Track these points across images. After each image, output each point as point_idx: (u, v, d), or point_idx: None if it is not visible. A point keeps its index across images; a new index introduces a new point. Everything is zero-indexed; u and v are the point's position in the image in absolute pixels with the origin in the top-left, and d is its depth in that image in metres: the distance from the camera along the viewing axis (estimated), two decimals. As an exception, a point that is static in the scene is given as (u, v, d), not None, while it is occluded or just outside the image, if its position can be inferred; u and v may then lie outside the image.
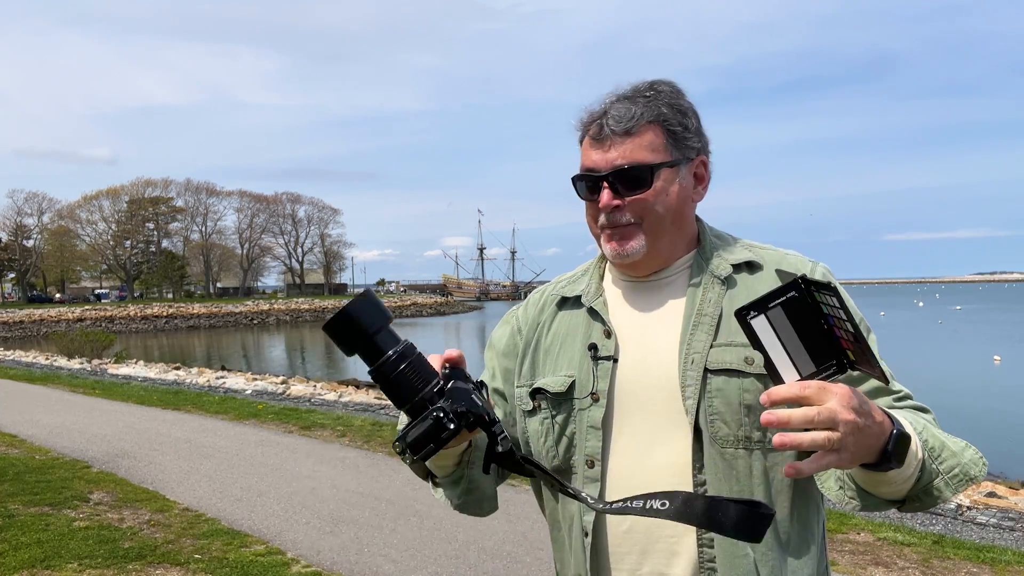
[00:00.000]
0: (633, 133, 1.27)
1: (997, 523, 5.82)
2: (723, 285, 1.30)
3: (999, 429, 14.04)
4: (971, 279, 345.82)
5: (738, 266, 1.32)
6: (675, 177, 1.29)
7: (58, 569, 4.61)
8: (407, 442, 1.07)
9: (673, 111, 1.29)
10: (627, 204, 1.28)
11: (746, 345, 1.22)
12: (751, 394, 1.21)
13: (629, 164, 1.26)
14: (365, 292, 1.11)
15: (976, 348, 29.53)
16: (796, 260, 1.33)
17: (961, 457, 1.14)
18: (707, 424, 1.22)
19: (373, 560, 4.90)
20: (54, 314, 63.41)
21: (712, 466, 1.22)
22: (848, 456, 0.96)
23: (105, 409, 11.75)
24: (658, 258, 1.33)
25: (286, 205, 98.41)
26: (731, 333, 1.25)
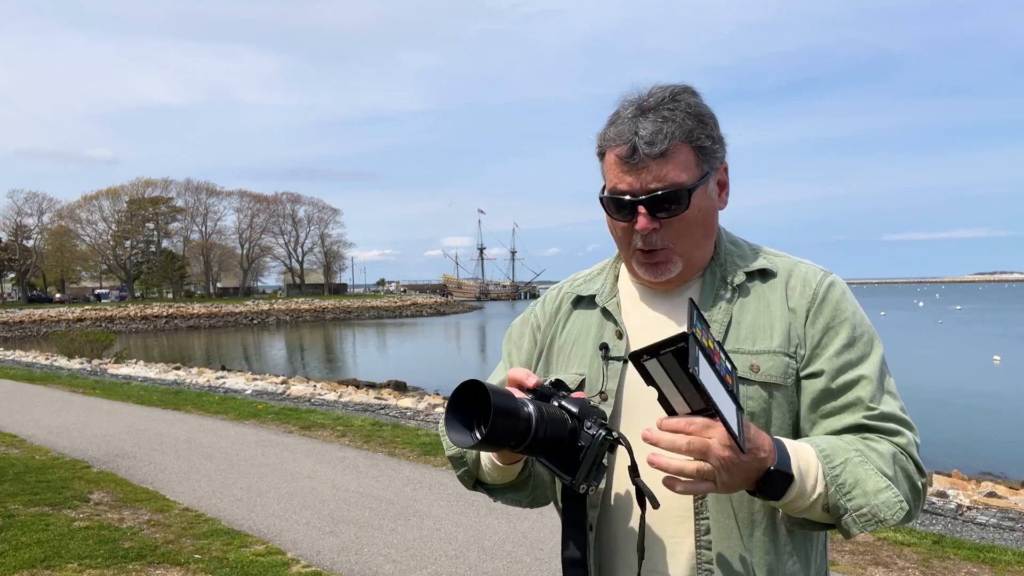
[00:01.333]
0: (666, 155, 1.23)
1: (997, 523, 5.82)
2: (736, 293, 1.32)
3: (999, 429, 14.04)
4: (971, 279, 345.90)
5: (752, 274, 1.33)
6: (705, 192, 1.29)
7: (58, 569, 4.61)
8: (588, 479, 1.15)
9: (698, 123, 1.26)
10: (663, 227, 1.26)
11: (753, 352, 1.27)
12: (754, 401, 1.24)
13: (665, 189, 1.23)
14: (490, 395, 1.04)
15: (976, 348, 29.53)
16: (807, 270, 1.33)
17: (874, 498, 1.14)
18: None
19: (373, 560, 4.90)
20: (54, 314, 63.38)
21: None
22: (722, 486, 1.07)
23: (105, 409, 11.75)
24: (689, 271, 1.33)
25: (286, 205, 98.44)
26: (739, 340, 1.27)
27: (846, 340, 1.27)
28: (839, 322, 1.28)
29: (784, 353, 1.27)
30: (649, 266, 1.30)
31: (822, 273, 1.33)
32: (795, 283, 1.31)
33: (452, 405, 1.08)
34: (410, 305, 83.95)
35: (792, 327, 1.28)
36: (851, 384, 1.24)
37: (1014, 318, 50.83)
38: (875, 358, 1.27)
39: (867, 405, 1.23)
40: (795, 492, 1.12)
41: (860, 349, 1.27)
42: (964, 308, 66.66)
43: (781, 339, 1.27)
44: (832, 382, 1.25)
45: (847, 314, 1.28)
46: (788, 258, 1.37)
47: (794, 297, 1.30)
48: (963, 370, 22.81)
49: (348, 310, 77.33)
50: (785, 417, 1.26)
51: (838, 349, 1.26)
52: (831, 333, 1.27)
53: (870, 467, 1.17)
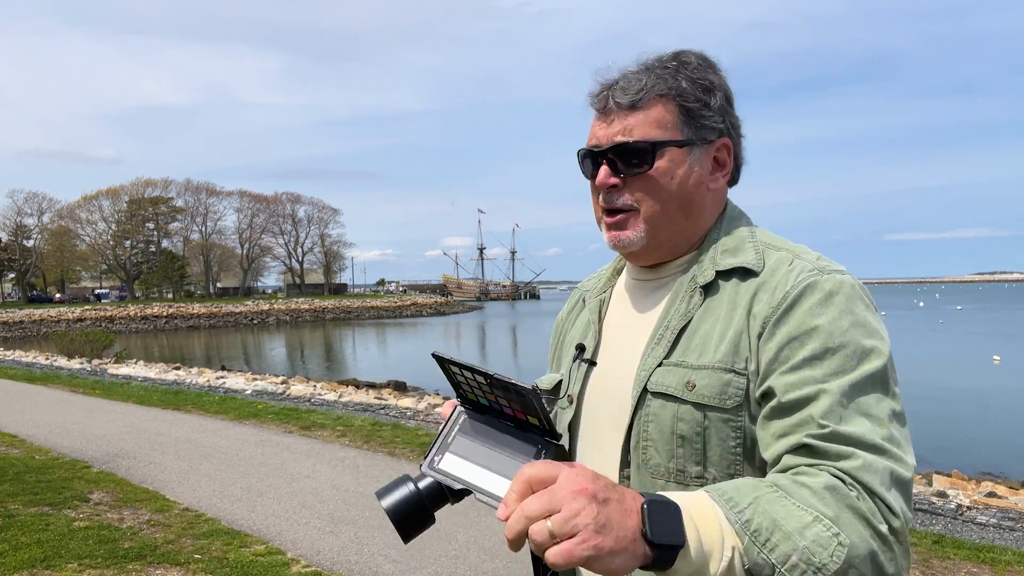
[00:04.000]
0: (639, 107, 1.15)
1: (997, 523, 5.82)
2: (702, 294, 1.14)
3: (999, 429, 14.03)
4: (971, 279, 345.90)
5: (727, 272, 1.14)
6: (684, 159, 1.15)
7: (58, 569, 4.61)
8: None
9: (694, 85, 1.15)
10: (625, 184, 1.16)
11: (694, 367, 1.09)
12: (686, 423, 1.07)
13: (630, 140, 1.14)
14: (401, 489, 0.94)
15: (976, 348, 29.53)
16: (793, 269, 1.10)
17: (800, 539, 0.85)
18: (638, 451, 1.12)
19: (373, 560, 4.90)
20: (54, 314, 63.37)
21: None
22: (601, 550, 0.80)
23: (105, 409, 11.75)
24: (659, 250, 1.19)
25: (286, 205, 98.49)
26: (687, 352, 1.11)
27: (812, 353, 1.01)
28: (806, 331, 1.02)
29: (725, 369, 1.07)
30: (610, 230, 1.19)
31: (807, 273, 1.08)
32: (771, 285, 1.09)
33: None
34: (410, 305, 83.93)
35: (745, 338, 1.07)
36: (805, 401, 0.99)
37: (1014, 318, 50.83)
38: (855, 376, 0.99)
39: (818, 422, 0.96)
40: (692, 551, 0.82)
41: (833, 364, 1.00)
42: (964, 308, 66.66)
43: (726, 352, 1.07)
44: (782, 397, 1.00)
45: (820, 322, 1.02)
46: (789, 254, 1.13)
47: (762, 302, 1.08)
48: (963, 370, 22.81)
49: (348, 310, 77.32)
50: (727, 446, 1.06)
51: (796, 364, 1.01)
52: (794, 345, 1.02)
53: (789, 501, 0.89)
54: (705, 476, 1.07)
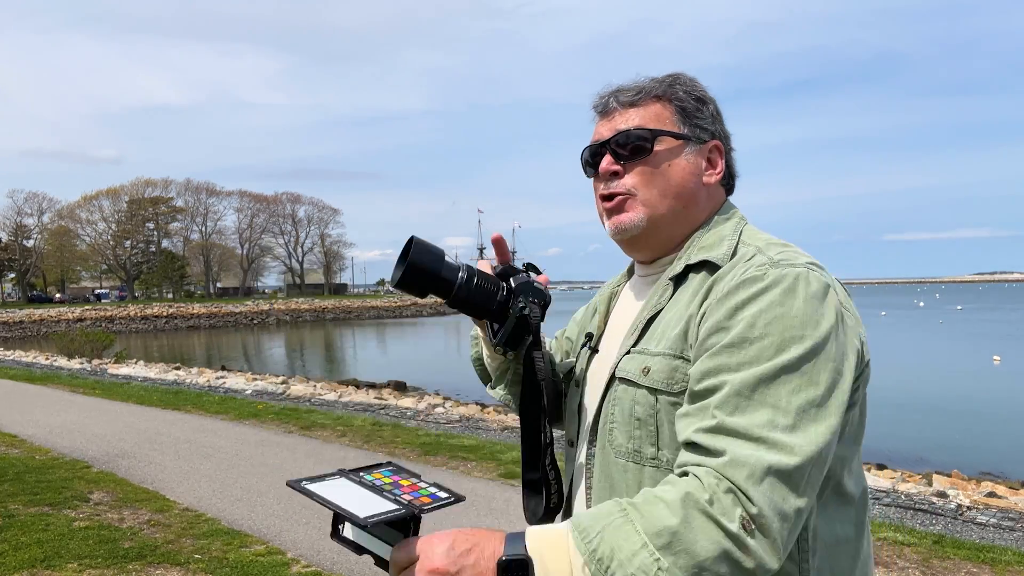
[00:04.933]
0: (638, 104, 1.25)
1: (997, 523, 5.82)
2: (673, 287, 1.21)
3: (999, 429, 14.03)
4: (971, 279, 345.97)
5: (697, 265, 1.19)
6: (681, 151, 1.23)
7: (58, 569, 4.61)
8: (503, 341, 1.26)
9: (688, 95, 1.26)
10: (625, 171, 1.23)
11: (653, 354, 1.16)
12: (641, 407, 1.14)
13: (631, 128, 1.23)
14: (413, 242, 1.21)
15: (976, 348, 29.53)
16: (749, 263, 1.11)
17: (628, 566, 0.91)
18: (604, 432, 1.21)
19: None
20: (54, 314, 63.38)
21: (601, 474, 1.21)
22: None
23: (105, 409, 11.75)
24: (658, 236, 1.25)
25: (286, 205, 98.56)
26: (651, 340, 1.18)
27: (730, 341, 1.03)
28: (734, 321, 1.04)
29: (673, 355, 1.13)
30: (610, 215, 1.25)
31: (756, 267, 1.09)
32: (727, 278, 1.12)
33: (400, 256, 1.21)
34: (410, 305, 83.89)
35: (692, 327, 1.12)
36: (710, 390, 1.02)
37: (1014, 318, 50.83)
38: (768, 367, 0.99)
39: (711, 412, 1.00)
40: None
41: (748, 354, 1.01)
42: (964, 308, 66.66)
43: (675, 339, 1.13)
44: (694, 386, 1.05)
45: (746, 313, 1.03)
46: (755, 249, 1.15)
47: (714, 292, 1.11)
48: (963, 370, 22.80)
49: (348, 310, 77.34)
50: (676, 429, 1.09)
51: (716, 351, 1.04)
52: (720, 333, 1.05)
53: (631, 526, 0.93)
54: (659, 457, 1.13)
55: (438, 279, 1.20)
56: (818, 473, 0.99)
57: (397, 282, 1.20)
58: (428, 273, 1.20)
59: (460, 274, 1.21)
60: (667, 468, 1.12)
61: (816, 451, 0.97)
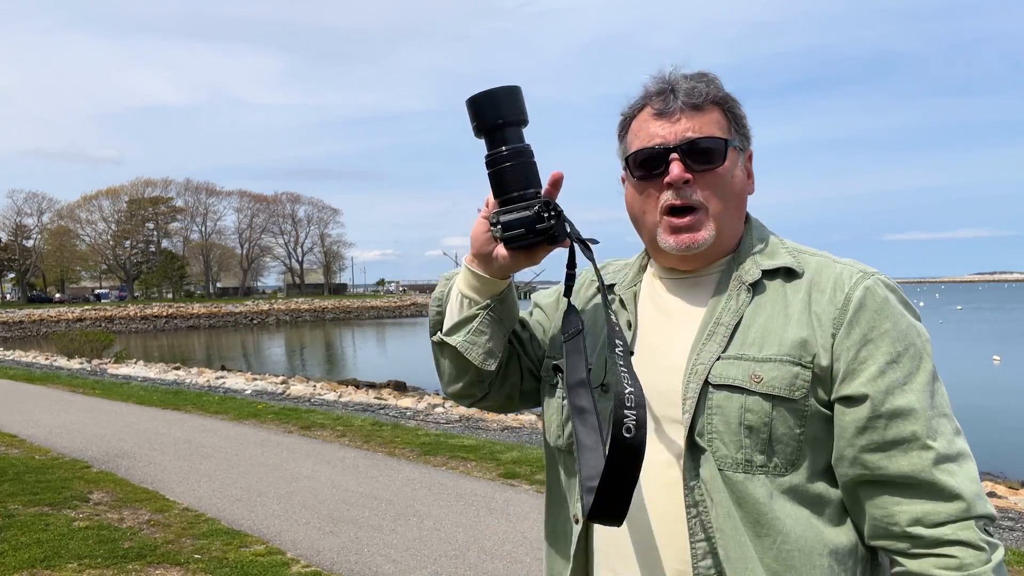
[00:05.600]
0: (702, 109, 1.20)
1: (997, 524, 5.82)
2: (749, 292, 1.19)
3: (999, 429, 14.04)
4: (971, 279, 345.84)
5: (772, 272, 1.20)
6: (739, 161, 1.23)
7: (58, 569, 4.61)
8: (501, 219, 1.17)
9: (735, 102, 1.25)
10: (696, 180, 1.18)
11: (758, 360, 1.14)
12: (754, 414, 1.12)
13: (703, 136, 1.18)
14: (515, 87, 1.20)
15: (976, 348, 29.54)
16: (842, 271, 1.18)
17: None
18: (707, 442, 1.14)
19: (373, 560, 4.90)
20: (54, 314, 63.41)
21: (712, 486, 1.14)
22: None
23: (105, 409, 11.75)
24: (715, 249, 1.23)
25: (286, 205, 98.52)
26: (744, 345, 1.16)
27: (889, 356, 1.12)
28: (879, 333, 1.13)
29: (793, 362, 1.13)
30: (679, 230, 1.19)
31: (859, 275, 1.17)
32: (824, 285, 1.17)
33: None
34: (410, 305, 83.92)
35: (814, 336, 1.14)
36: (900, 413, 1.10)
37: (1014, 318, 50.86)
38: (923, 376, 1.12)
39: (923, 443, 1.09)
40: None
41: (906, 365, 1.12)
42: (964, 308, 66.70)
43: (793, 346, 1.13)
44: (880, 407, 1.11)
45: (887, 324, 1.13)
46: (823, 257, 1.22)
47: (821, 302, 1.15)
48: (963, 370, 22.80)
49: (348, 310, 77.35)
50: (793, 435, 1.12)
51: (881, 367, 1.11)
52: (870, 347, 1.12)
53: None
54: (769, 465, 1.12)
55: (503, 125, 1.18)
56: None
57: (472, 97, 1.19)
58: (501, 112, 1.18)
59: (518, 144, 1.19)
60: (775, 472, 1.12)
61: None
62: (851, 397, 1.12)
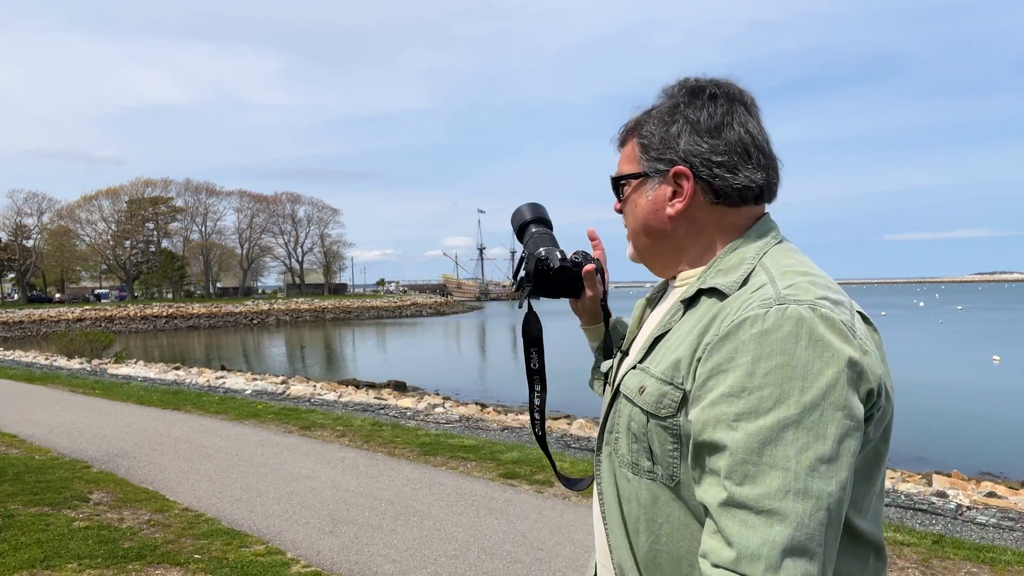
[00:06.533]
0: (623, 144, 1.33)
1: (997, 523, 5.82)
2: (683, 309, 1.20)
3: (998, 429, 14.04)
4: (971, 279, 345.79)
5: (709, 290, 1.17)
6: (642, 190, 1.27)
7: (58, 569, 4.61)
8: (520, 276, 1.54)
9: (657, 121, 1.23)
10: (622, 211, 1.35)
11: (650, 375, 1.18)
12: (636, 423, 1.18)
13: (614, 175, 1.34)
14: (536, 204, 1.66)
15: (975, 348, 29.54)
16: (751, 298, 1.08)
17: None
18: (610, 439, 1.26)
19: (373, 560, 4.90)
20: (54, 314, 63.37)
21: (608, 480, 1.26)
22: None
23: (105, 409, 11.75)
24: (652, 267, 1.35)
25: (286, 205, 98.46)
26: (653, 360, 1.19)
27: (728, 389, 1.01)
28: (733, 365, 1.02)
29: (664, 380, 1.13)
30: None
31: (759, 303, 1.05)
32: (729, 309, 1.09)
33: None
34: (410, 305, 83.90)
35: (689, 358, 1.11)
36: (712, 446, 1.02)
37: (1014, 318, 50.83)
38: (766, 421, 0.97)
39: (721, 482, 1.00)
40: None
41: (746, 404, 0.99)
42: (964, 308, 66.67)
43: (669, 365, 1.13)
44: (699, 436, 1.04)
45: (746, 358, 1.01)
46: (767, 279, 1.11)
47: (713, 327, 1.09)
48: (963, 370, 22.81)
49: (348, 310, 77.32)
50: (666, 451, 1.12)
51: (714, 399, 1.03)
52: (719, 377, 1.03)
53: None
54: (655, 471, 1.17)
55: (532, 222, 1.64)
56: (834, 533, 0.98)
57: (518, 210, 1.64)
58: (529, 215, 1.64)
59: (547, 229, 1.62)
60: (662, 482, 1.16)
61: (827, 513, 0.96)
62: (690, 421, 1.08)
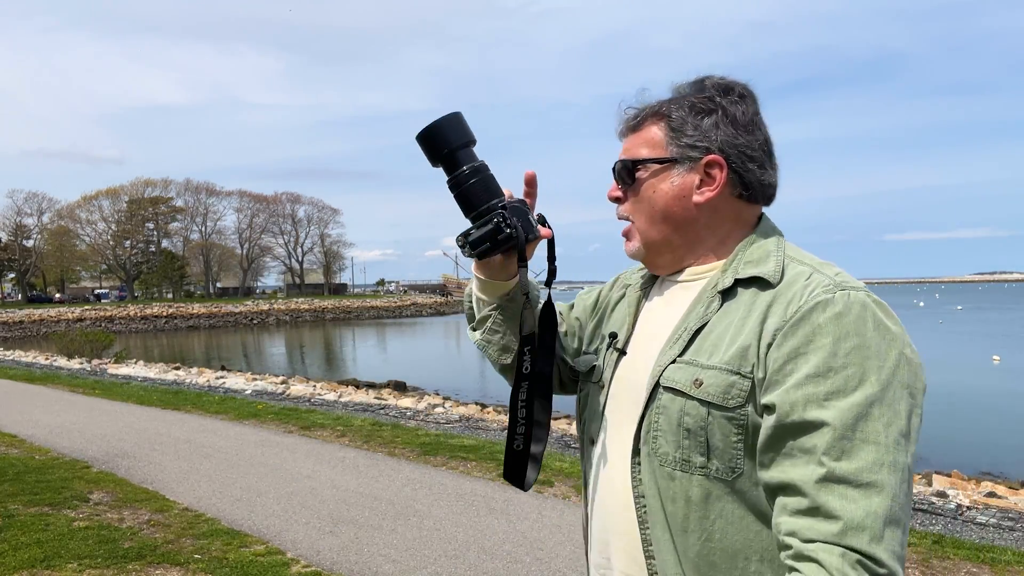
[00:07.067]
0: (637, 128, 1.28)
1: (997, 523, 5.82)
2: (721, 300, 1.20)
3: (998, 429, 14.04)
4: (971, 279, 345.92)
5: (747, 280, 1.19)
6: (666, 175, 1.24)
7: (58, 569, 4.61)
8: (468, 239, 1.28)
9: (689, 109, 1.23)
10: (626, 198, 1.30)
11: (703, 367, 1.16)
12: (691, 418, 1.15)
13: (624, 158, 1.28)
14: (455, 114, 1.29)
15: (975, 348, 29.54)
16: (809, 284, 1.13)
17: None
18: (648, 438, 1.20)
19: (373, 560, 4.90)
20: (54, 314, 63.37)
21: (650, 481, 1.20)
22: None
23: (105, 409, 11.75)
24: (661, 259, 1.29)
25: (286, 205, 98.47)
26: (699, 352, 1.18)
27: (813, 369, 1.05)
28: (814, 348, 1.06)
29: (730, 371, 1.13)
30: (625, 239, 1.33)
31: (822, 289, 1.11)
32: (788, 296, 1.13)
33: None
34: (410, 305, 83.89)
35: (756, 346, 1.12)
36: (805, 426, 1.04)
37: (1014, 318, 50.84)
38: (855, 398, 1.03)
39: (818, 458, 1.02)
40: None
41: (834, 383, 1.04)
42: (964, 308, 66.68)
43: (734, 355, 1.13)
44: (786, 418, 1.05)
45: (828, 339, 1.06)
46: (810, 268, 1.17)
47: (776, 313, 1.12)
48: (963, 370, 22.81)
49: (348, 310, 77.30)
50: (729, 442, 1.12)
51: (799, 380, 1.05)
52: (798, 360, 1.06)
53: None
54: (708, 467, 1.15)
55: (451, 154, 1.27)
56: (910, 505, 1.05)
57: (420, 133, 1.29)
58: (446, 142, 1.27)
59: (472, 164, 1.27)
60: (717, 476, 1.14)
61: (909, 485, 1.03)
62: (767, 406, 1.09)
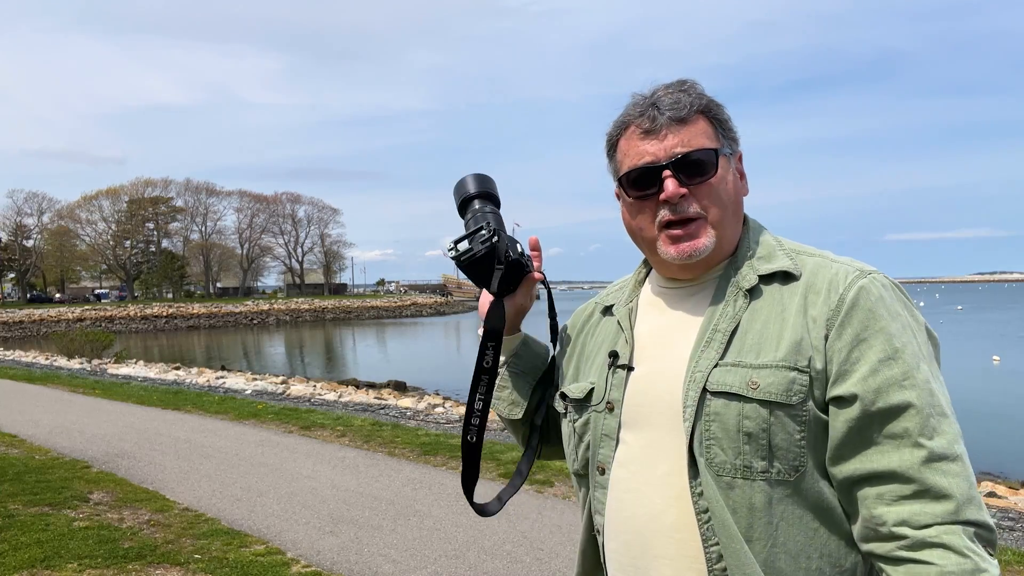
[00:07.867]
0: (687, 121, 1.20)
1: (997, 523, 5.82)
2: (747, 298, 1.19)
3: (998, 429, 14.03)
4: (971, 279, 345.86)
5: (769, 276, 1.20)
6: (729, 166, 1.24)
7: (58, 569, 4.61)
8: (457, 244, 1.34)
9: (713, 103, 1.25)
10: (692, 192, 1.20)
11: (755, 366, 1.14)
12: (752, 421, 1.12)
13: (692, 149, 1.19)
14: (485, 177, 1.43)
15: (975, 348, 29.53)
16: (838, 271, 1.17)
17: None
18: (703, 449, 1.14)
19: (373, 560, 4.90)
20: (54, 314, 63.38)
21: (711, 492, 1.14)
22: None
23: (105, 409, 11.75)
24: (716, 255, 1.24)
25: (286, 205, 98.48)
26: (742, 352, 1.15)
27: (882, 354, 1.10)
28: (873, 332, 1.11)
29: (790, 367, 1.12)
30: (681, 240, 1.21)
31: (855, 274, 1.16)
32: (820, 287, 1.16)
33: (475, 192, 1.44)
34: (410, 305, 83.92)
35: (808, 339, 1.13)
36: (894, 410, 1.08)
37: (1014, 318, 50.84)
38: (922, 375, 1.10)
39: (915, 440, 1.07)
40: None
41: (903, 363, 1.10)
42: (964, 308, 66.69)
43: (788, 351, 1.12)
44: (871, 406, 1.08)
45: (883, 322, 1.11)
46: (821, 257, 1.21)
47: (817, 304, 1.14)
48: (963, 370, 22.80)
49: (348, 310, 77.35)
50: (793, 440, 1.11)
51: (873, 366, 1.09)
52: (863, 346, 1.10)
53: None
54: (770, 470, 1.12)
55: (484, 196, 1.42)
56: None
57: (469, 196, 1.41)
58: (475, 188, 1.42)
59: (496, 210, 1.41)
60: (778, 478, 1.12)
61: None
62: (843, 397, 1.10)
